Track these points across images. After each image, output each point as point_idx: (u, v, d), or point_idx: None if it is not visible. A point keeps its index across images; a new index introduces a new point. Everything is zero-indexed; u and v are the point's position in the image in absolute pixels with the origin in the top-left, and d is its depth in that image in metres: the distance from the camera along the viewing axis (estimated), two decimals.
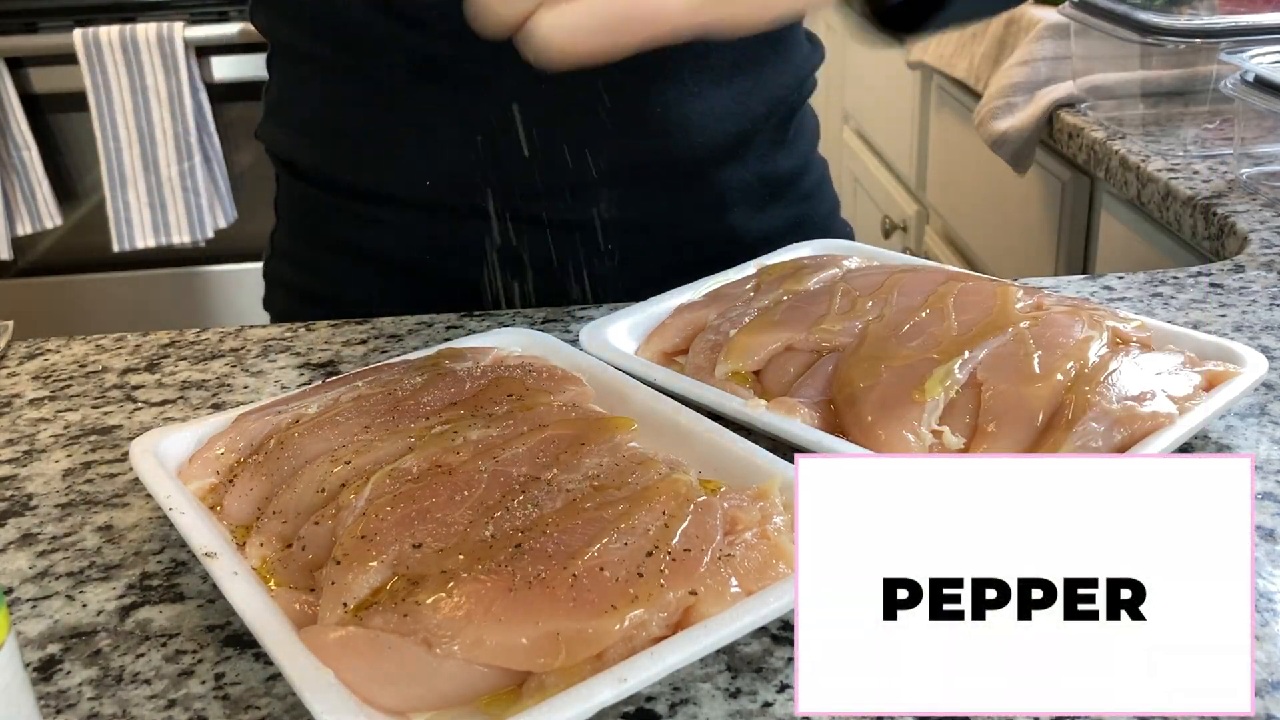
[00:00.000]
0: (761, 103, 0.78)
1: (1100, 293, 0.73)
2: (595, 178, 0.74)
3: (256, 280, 0.90)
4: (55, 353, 0.73)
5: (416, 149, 0.75)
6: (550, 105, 0.72)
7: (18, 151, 2.06)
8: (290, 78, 0.81)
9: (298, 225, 0.85)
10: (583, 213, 0.76)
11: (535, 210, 0.75)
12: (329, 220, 0.81)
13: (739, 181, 0.79)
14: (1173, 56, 1.14)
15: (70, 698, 0.42)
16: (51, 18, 2.01)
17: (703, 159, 0.77)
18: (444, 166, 0.75)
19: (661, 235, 0.78)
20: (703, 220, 0.79)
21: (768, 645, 0.43)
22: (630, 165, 0.75)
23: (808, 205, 0.85)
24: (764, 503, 0.46)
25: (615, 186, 0.75)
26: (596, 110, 0.73)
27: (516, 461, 0.48)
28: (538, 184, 0.74)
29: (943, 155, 1.78)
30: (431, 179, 0.75)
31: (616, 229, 0.76)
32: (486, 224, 0.76)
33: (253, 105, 2.20)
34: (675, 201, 0.78)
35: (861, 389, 0.54)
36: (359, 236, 0.79)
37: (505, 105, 0.72)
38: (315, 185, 0.81)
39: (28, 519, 0.54)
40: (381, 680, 0.39)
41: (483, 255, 0.77)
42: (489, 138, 0.73)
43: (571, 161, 0.73)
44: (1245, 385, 0.54)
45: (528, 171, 0.74)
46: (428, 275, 0.79)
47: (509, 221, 0.76)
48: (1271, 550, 0.47)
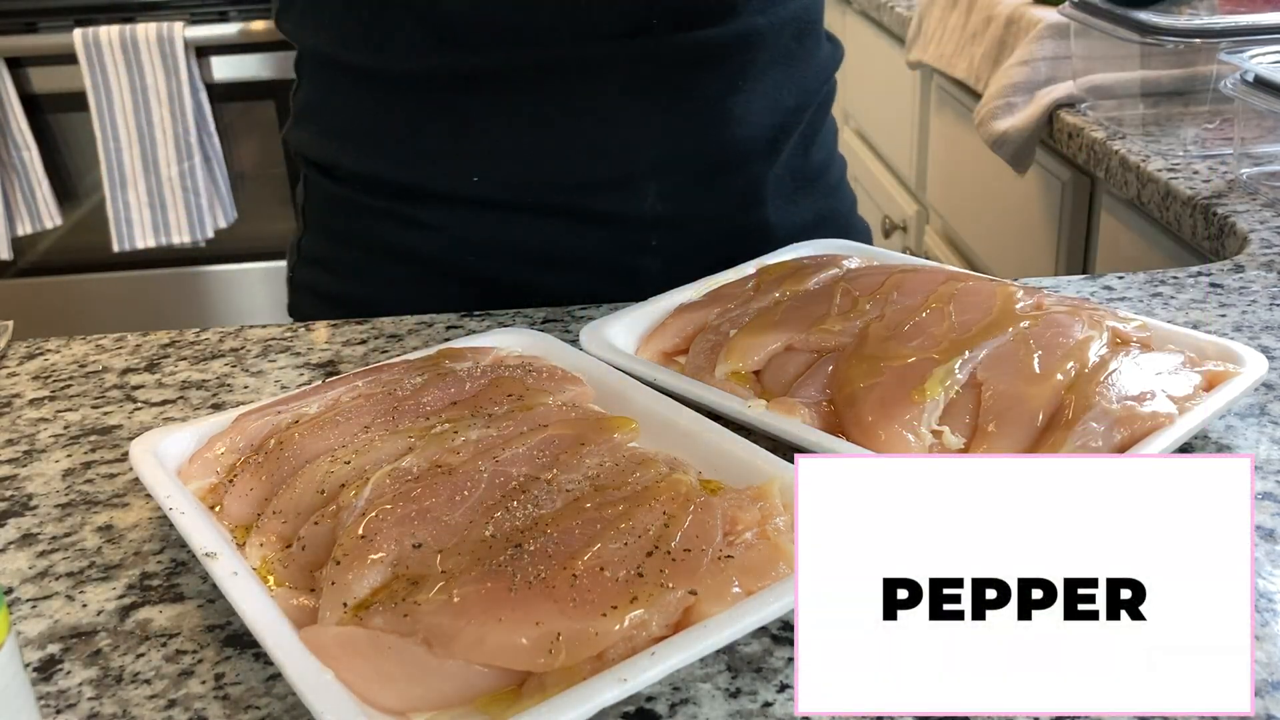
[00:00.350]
0: (792, 96, 0.80)
1: (1100, 293, 0.73)
2: (639, 172, 0.75)
3: (257, 280, 0.90)
4: (55, 353, 0.73)
5: (460, 147, 0.75)
6: (594, 102, 0.73)
7: (18, 151, 2.06)
8: (323, 82, 0.81)
9: (330, 230, 0.84)
10: (626, 208, 0.77)
11: (579, 205, 0.76)
12: (365, 223, 0.80)
13: (772, 176, 0.81)
14: (1173, 56, 1.14)
15: (70, 698, 0.42)
16: (51, 18, 2.01)
17: (742, 152, 0.78)
18: (489, 163, 0.75)
19: (699, 229, 0.79)
20: (738, 214, 0.80)
21: (768, 645, 0.43)
22: (673, 160, 0.76)
23: (833, 199, 0.87)
24: (764, 503, 0.46)
25: (658, 181, 0.77)
26: (641, 106, 0.74)
27: (516, 461, 0.48)
28: (582, 179, 0.75)
29: (943, 155, 1.78)
30: (478, 175, 0.76)
31: (658, 224, 0.78)
32: (530, 220, 0.76)
33: (253, 105, 2.21)
34: (713, 196, 0.79)
35: (861, 389, 0.54)
36: (398, 239, 0.79)
37: (549, 104, 0.73)
38: (352, 188, 0.80)
39: (28, 519, 0.54)
40: (381, 680, 0.39)
41: (526, 253, 0.78)
42: (533, 134, 0.74)
43: (616, 156, 0.75)
44: (1245, 385, 0.54)
45: (572, 166, 0.75)
46: (469, 276, 0.79)
47: (553, 217, 0.77)
48: (1271, 550, 0.47)
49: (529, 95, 0.73)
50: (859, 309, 0.61)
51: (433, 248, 0.79)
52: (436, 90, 0.75)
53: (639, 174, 0.76)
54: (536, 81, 0.73)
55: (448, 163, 0.76)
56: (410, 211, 0.78)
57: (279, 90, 2.10)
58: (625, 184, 0.76)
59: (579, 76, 0.73)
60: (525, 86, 0.73)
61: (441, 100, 0.75)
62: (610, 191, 0.76)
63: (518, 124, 0.74)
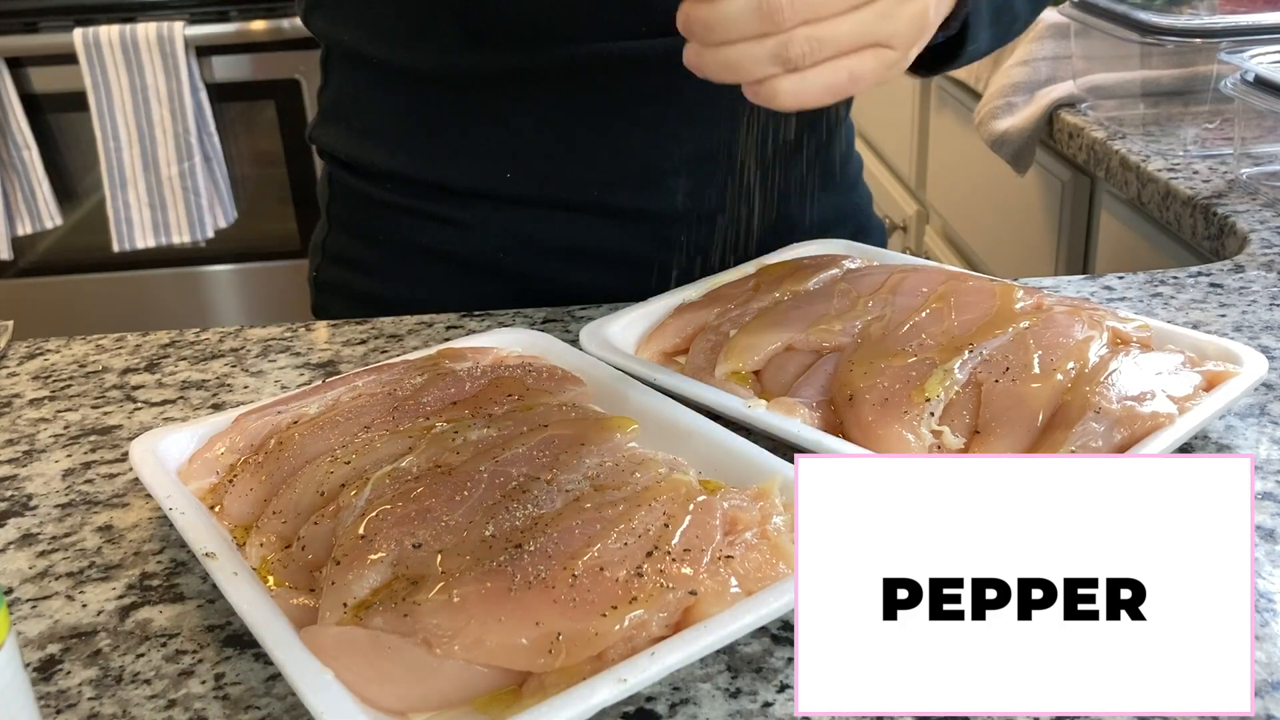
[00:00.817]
0: None
1: (1100, 293, 0.73)
2: (669, 169, 0.76)
3: (256, 280, 0.90)
4: (55, 353, 0.73)
5: (492, 144, 0.76)
6: (626, 100, 0.74)
7: (18, 151, 2.06)
8: (353, 79, 0.81)
9: (357, 228, 0.84)
10: (656, 204, 0.77)
11: (609, 202, 0.77)
12: (394, 221, 0.81)
13: (796, 172, 0.82)
14: (1173, 56, 1.14)
15: (70, 698, 0.42)
16: (51, 18, 2.01)
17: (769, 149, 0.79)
18: (521, 159, 0.76)
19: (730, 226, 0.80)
20: (767, 210, 0.81)
21: (768, 645, 0.43)
22: (702, 157, 0.77)
23: (852, 195, 0.88)
24: (764, 503, 0.46)
25: (687, 178, 0.77)
26: (672, 104, 0.75)
27: (516, 461, 0.48)
28: (613, 175, 0.76)
29: (943, 155, 1.78)
30: (509, 172, 0.76)
31: (687, 220, 0.78)
32: (561, 216, 0.77)
33: (253, 105, 2.21)
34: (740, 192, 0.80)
35: (861, 389, 0.54)
36: (428, 236, 0.80)
37: (582, 102, 0.74)
38: (381, 185, 0.81)
39: (28, 519, 0.54)
40: (381, 680, 0.39)
41: (555, 250, 0.78)
42: (566, 131, 0.75)
43: (647, 154, 0.76)
44: (1245, 385, 0.54)
45: (603, 163, 0.75)
46: (500, 273, 0.79)
47: (583, 213, 0.77)
48: (1271, 550, 0.47)
49: (562, 93, 0.74)
50: (859, 309, 0.61)
51: (463, 245, 0.79)
52: (470, 87, 0.75)
53: (669, 171, 0.77)
54: (570, 79, 0.74)
55: (480, 160, 0.77)
56: (441, 209, 0.79)
57: (279, 90, 2.10)
58: (655, 181, 0.77)
59: (612, 75, 0.73)
60: (558, 84, 0.74)
61: (474, 97, 0.76)
62: (640, 188, 0.77)
63: (551, 121, 0.75)
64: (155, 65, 1.98)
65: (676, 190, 0.77)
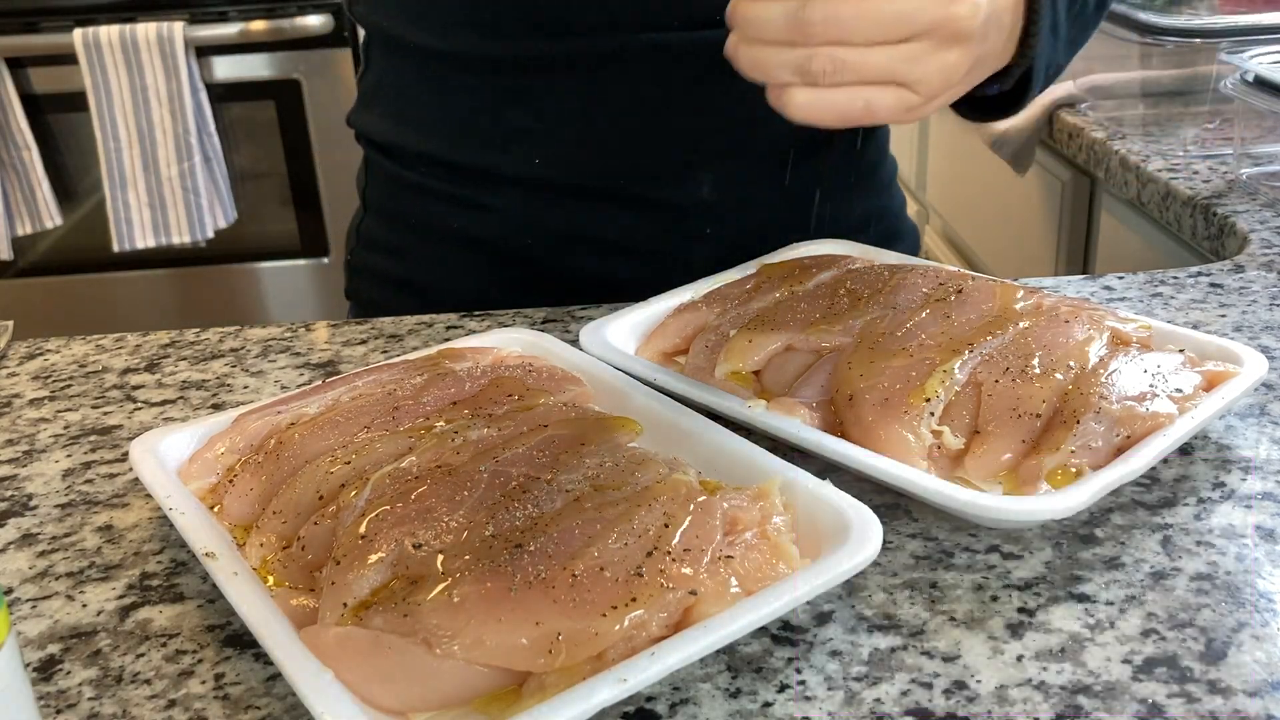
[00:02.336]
0: None
1: (1100, 293, 0.73)
2: (697, 161, 0.77)
3: (256, 280, 0.91)
4: (55, 353, 0.73)
5: (524, 130, 0.77)
6: (656, 90, 0.74)
7: (18, 151, 2.06)
8: (390, 65, 0.82)
9: (391, 213, 0.86)
10: (682, 196, 0.78)
11: (636, 191, 0.78)
12: (427, 206, 0.82)
13: (828, 169, 0.82)
14: (1173, 56, 1.14)
15: (70, 698, 0.42)
16: (51, 18, 2.01)
17: (797, 144, 0.79)
18: (551, 147, 0.77)
19: (752, 220, 0.80)
20: (794, 206, 0.81)
21: (768, 645, 0.43)
22: (730, 149, 0.77)
23: (884, 198, 0.88)
24: (764, 503, 0.46)
25: (714, 170, 0.78)
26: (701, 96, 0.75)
27: (517, 461, 0.48)
28: (641, 165, 0.77)
29: (943, 155, 1.78)
30: (539, 159, 0.77)
31: (712, 213, 0.79)
32: (590, 205, 0.78)
33: (253, 105, 2.21)
34: (768, 187, 0.80)
35: (861, 389, 0.54)
36: (459, 221, 0.81)
37: (613, 91, 0.74)
38: (414, 170, 0.82)
39: (28, 519, 0.54)
40: (381, 680, 0.39)
41: (582, 239, 0.79)
42: (597, 120, 0.75)
43: (675, 145, 0.76)
44: (1245, 385, 0.54)
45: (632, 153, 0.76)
46: (527, 261, 0.80)
47: (610, 202, 0.78)
48: (1271, 550, 0.47)
49: (594, 82, 0.75)
50: (859, 309, 0.61)
51: (493, 231, 0.80)
52: (503, 74, 0.76)
53: (697, 163, 0.77)
54: (603, 69, 0.74)
55: (511, 146, 0.77)
56: (471, 194, 0.80)
57: (279, 90, 2.10)
58: (683, 172, 0.77)
59: (645, 66, 0.74)
60: (591, 73, 0.75)
61: (508, 84, 0.76)
62: (667, 179, 0.78)
63: (582, 110, 0.76)
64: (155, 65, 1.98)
65: (703, 183, 0.78)
